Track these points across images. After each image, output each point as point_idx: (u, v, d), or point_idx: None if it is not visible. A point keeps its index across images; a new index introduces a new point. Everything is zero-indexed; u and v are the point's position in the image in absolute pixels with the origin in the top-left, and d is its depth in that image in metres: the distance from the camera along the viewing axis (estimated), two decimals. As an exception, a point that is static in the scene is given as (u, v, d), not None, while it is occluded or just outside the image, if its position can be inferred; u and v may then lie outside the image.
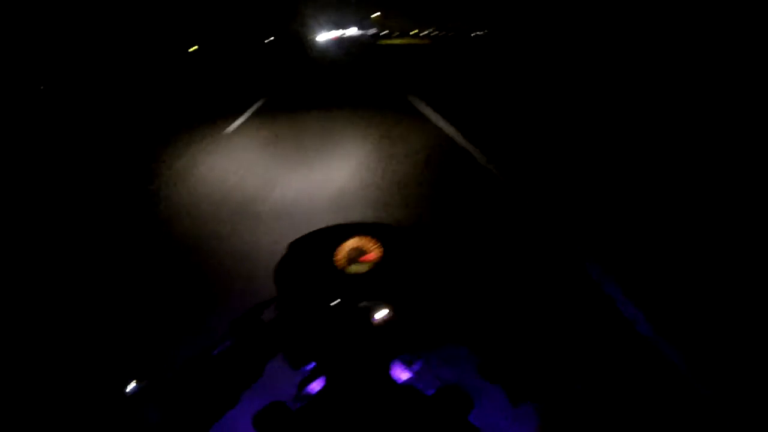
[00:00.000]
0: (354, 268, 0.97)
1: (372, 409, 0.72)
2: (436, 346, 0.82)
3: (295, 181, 5.06)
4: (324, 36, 54.16)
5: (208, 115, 9.37)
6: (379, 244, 0.99)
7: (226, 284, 3.05)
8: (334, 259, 0.98)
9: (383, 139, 6.64)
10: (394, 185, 4.76)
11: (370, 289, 0.93)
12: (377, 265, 0.97)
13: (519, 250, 3.33)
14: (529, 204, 4.18)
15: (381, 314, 0.84)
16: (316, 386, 0.83)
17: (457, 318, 0.81)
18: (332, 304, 0.87)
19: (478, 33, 45.51)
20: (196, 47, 29.87)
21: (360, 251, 0.99)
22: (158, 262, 3.51)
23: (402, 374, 0.86)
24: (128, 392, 0.68)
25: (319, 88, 13.40)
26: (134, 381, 0.69)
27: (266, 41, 41.43)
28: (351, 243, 0.99)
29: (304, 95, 11.86)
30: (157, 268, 3.44)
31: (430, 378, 0.88)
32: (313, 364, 0.86)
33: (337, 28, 59.51)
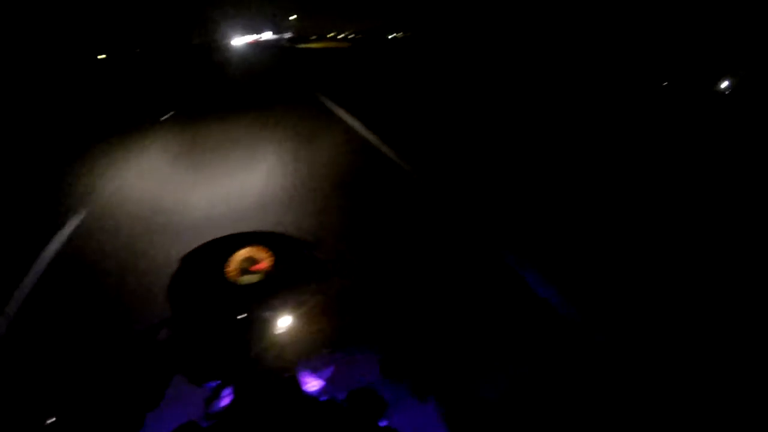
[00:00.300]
0: (246, 279, 0.96)
1: (284, 419, 0.73)
2: (343, 350, 0.84)
3: (204, 191, 4.90)
4: (239, 40, 52.46)
5: (119, 127, 8.83)
6: (270, 252, 0.99)
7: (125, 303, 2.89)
8: (225, 270, 0.96)
9: (296, 142, 6.62)
10: (304, 189, 4.74)
11: (264, 298, 0.93)
12: (269, 273, 0.97)
13: (429, 244, 3.42)
14: (442, 199, 4.32)
15: (282, 323, 0.84)
16: (224, 401, 0.83)
17: (360, 320, 0.83)
18: (239, 317, 0.86)
19: (396, 35, 45.61)
20: (104, 55, 27.94)
21: (251, 261, 0.98)
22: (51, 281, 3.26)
23: (312, 382, 0.87)
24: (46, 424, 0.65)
25: (233, 94, 13.08)
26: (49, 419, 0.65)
27: (178, 48, 39.34)
28: (242, 253, 0.98)
29: (217, 102, 11.47)
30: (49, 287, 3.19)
31: (341, 382, 0.90)
32: (215, 383, 0.85)
33: (253, 32, 57.48)
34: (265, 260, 0.98)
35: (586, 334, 2.21)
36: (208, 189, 4.93)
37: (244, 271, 0.97)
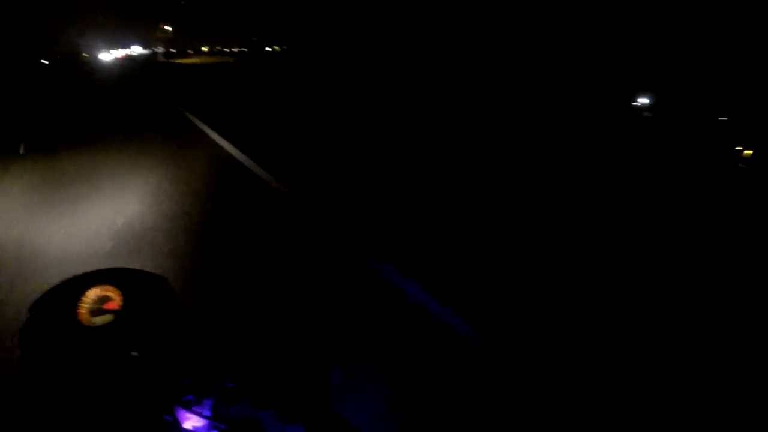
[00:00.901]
0: (99, 320, 0.93)
1: None
2: (216, 383, 0.84)
3: (62, 226, 4.48)
4: (108, 55, 48.03)
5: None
6: (119, 291, 0.96)
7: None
8: (77, 313, 0.92)
9: (167, 167, 6.34)
10: (168, 219, 4.56)
11: (119, 338, 0.90)
12: (120, 312, 0.94)
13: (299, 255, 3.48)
14: (306, 210, 4.43)
15: (144, 362, 0.82)
16: None
17: (220, 353, 0.83)
18: (97, 360, 0.82)
19: (274, 48, 45.39)
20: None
21: (102, 300, 0.95)
22: None
23: (192, 418, 0.85)
24: None
25: (99, 115, 12.12)
26: None
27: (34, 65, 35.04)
28: (92, 293, 0.95)
29: (79, 126, 10.45)
30: None
31: (221, 414, 0.89)
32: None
33: (123, 47, 52.52)
34: (115, 298, 0.95)
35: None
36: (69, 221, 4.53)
37: (96, 312, 0.93)
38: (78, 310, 0.92)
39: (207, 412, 0.90)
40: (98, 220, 4.63)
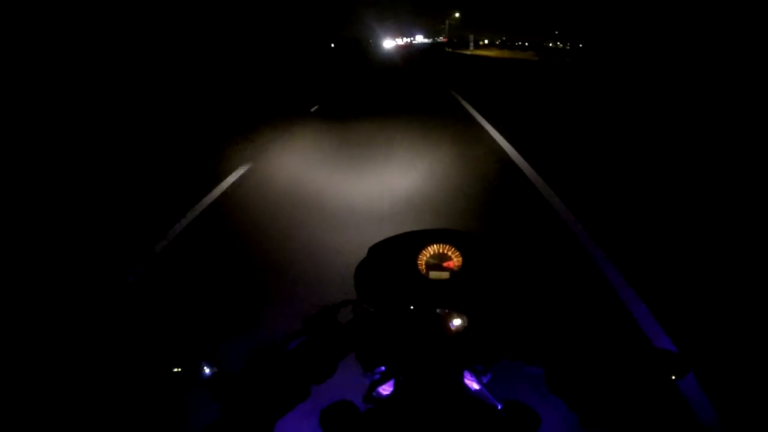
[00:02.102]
0: (435, 275, 0.96)
1: (440, 417, 0.71)
2: (508, 359, 0.80)
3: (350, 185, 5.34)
4: (389, 43, 52.47)
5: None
6: (459, 252, 0.98)
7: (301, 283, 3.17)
8: (416, 263, 0.98)
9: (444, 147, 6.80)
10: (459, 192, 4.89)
11: (450, 297, 0.92)
12: (457, 272, 0.96)
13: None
14: None
15: (457, 323, 0.83)
16: (386, 389, 0.84)
17: (531, 332, 0.79)
18: (411, 309, 0.87)
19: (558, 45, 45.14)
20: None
21: (441, 258, 0.98)
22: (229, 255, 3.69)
23: (472, 385, 0.85)
24: (200, 376, 0.70)
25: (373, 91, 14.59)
26: (206, 366, 0.70)
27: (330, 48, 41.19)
28: (432, 249, 0.99)
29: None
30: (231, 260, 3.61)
31: (498, 391, 0.87)
32: (384, 368, 0.86)
33: (408, 35, 56.85)
34: (454, 259, 0.98)
35: None
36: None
37: (433, 267, 0.98)
38: (417, 261, 1.00)
39: (485, 381, 0.88)
40: (379, 184, 5.32)
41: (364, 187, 5.15)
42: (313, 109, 11.15)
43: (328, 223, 4.16)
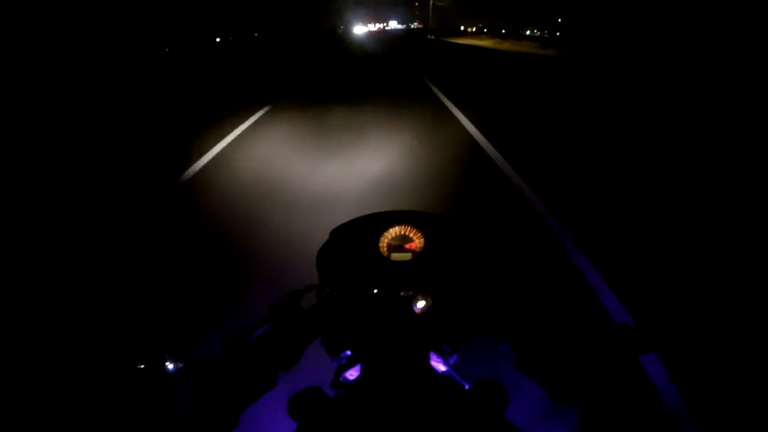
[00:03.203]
0: (397, 256, 0.96)
1: (407, 399, 0.71)
2: (473, 338, 0.81)
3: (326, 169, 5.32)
4: (360, 29, 50.82)
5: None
6: (421, 233, 0.98)
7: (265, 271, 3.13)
8: (378, 246, 0.97)
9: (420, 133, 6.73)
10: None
11: (412, 278, 0.92)
12: (419, 254, 0.96)
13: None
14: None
15: (421, 304, 0.83)
16: (353, 374, 0.83)
17: (496, 310, 0.79)
18: (374, 291, 0.86)
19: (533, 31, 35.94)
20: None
21: (403, 239, 0.97)
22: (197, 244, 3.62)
23: (438, 367, 0.85)
24: (165, 370, 0.68)
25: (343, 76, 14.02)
26: (170, 360, 0.69)
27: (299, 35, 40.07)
28: (393, 231, 0.98)
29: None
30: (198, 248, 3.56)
31: (466, 371, 0.87)
32: (350, 352, 0.85)
33: (381, 21, 54.73)
34: (416, 240, 0.97)
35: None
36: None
37: (395, 248, 0.97)
38: (379, 243, 0.99)
39: (452, 362, 0.88)
40: (357, 166, 5.31)
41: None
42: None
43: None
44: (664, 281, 2.93)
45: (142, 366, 0.68)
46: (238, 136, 7.08)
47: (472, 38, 35.09)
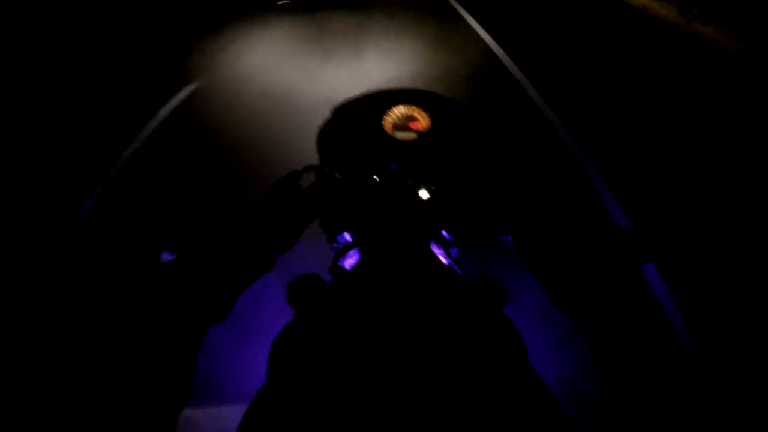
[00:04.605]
0: (401, 135, 0.91)
1: (406, 287, 0.69)
2: (477, 231, 0.78)
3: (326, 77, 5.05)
4: None
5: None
6: (427, 113, 0.92)
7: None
8: (381, 124, 0.92)
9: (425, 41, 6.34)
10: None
11: (417, 157, 0.88)
12: (425, 134, 0.91)
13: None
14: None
15: (425, 191, 0.79)
16: (351, 260, 0.82)
17: (500, 201, 0.75)
18: (392, 169, 0.81)
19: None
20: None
21: (408, 118, 0.92)
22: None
23: (439, 257, 0.83)
24: (163, 260, 0.66)
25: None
26: (166, 253, 0.66)
27: None
28: (399, 110, 0.93)
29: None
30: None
31: (466, 265, 0.85)
32: (349, 236, 0.83)
33: None
34: (422, 120, 0.92)
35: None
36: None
37: (400, 127, 0.92)
38: (382, 121, 0.94)
39: (453, 255, 0.86)
40: (357, 74, 4.98)
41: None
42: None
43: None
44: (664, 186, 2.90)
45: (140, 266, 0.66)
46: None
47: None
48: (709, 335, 1.94)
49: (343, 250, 0.81)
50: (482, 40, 6.38)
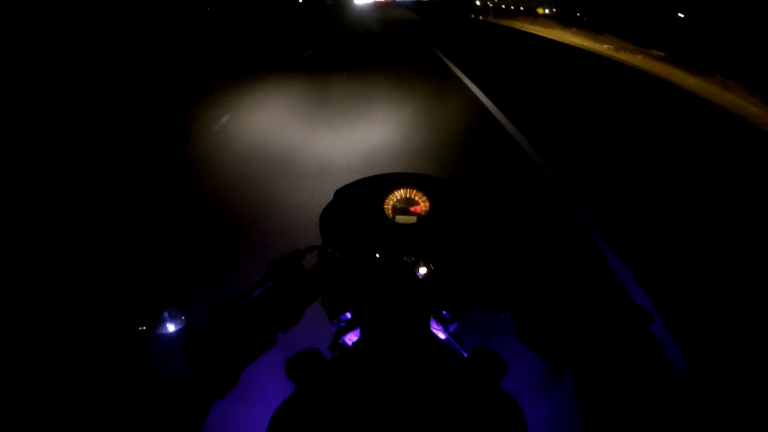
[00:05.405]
0: (402, 219, 0.94)
1: (406, 364, 0.70)
2: (474, 307, 0.80)
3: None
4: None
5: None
6: (426, 197, 0.96)
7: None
8: (382, 207, 0.95)
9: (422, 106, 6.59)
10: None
11: (417, 241, 0.91)
12: (425, 217, 0.94)
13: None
14: None
15: (424, 270, 0.82)
16: (352, 338, 0.83)
17: (499, 279, 0.78)
18: (377, 255, 0.84)
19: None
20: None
21: (408, 202, 0.96)
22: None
23: (438, 334, 0.84)
24: (164, 331, 0.68)
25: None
26: (169, 320, 0.68)
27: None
28: (399, 194, 0.97)
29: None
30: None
31: (466, 340, 0.86)
32: (350, 315, 0.85)
33: None
34: (421, 204, 0.96)
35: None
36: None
37: (400, 210, 0.95)
38: (383, 205, 0.97)
39: (452, 330, 0.88)
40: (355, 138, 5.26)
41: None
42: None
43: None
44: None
45: (143, 328, 0.67)
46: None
47: (532, 23, 21.00)
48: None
49: (345, 328, 0.82)
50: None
